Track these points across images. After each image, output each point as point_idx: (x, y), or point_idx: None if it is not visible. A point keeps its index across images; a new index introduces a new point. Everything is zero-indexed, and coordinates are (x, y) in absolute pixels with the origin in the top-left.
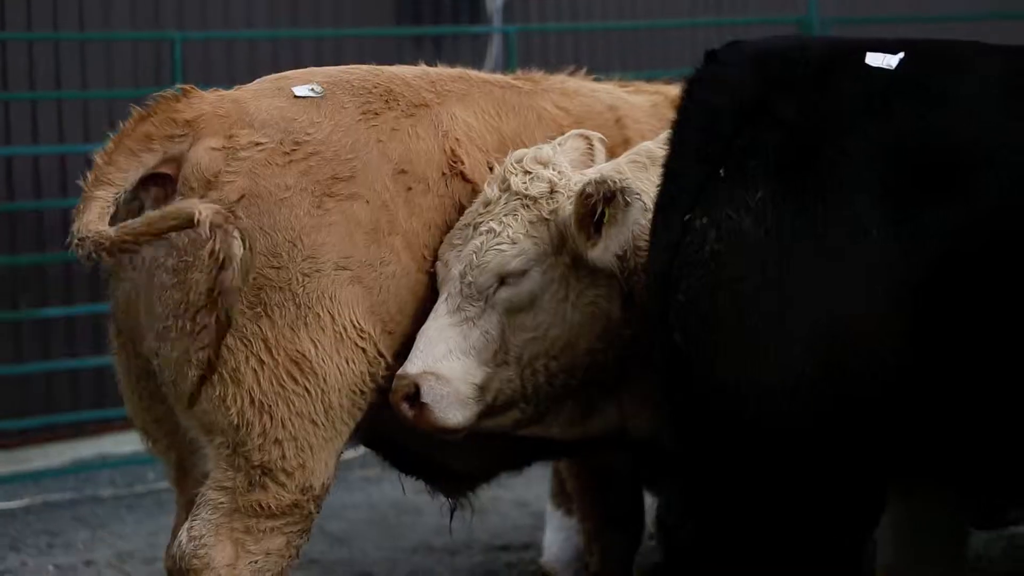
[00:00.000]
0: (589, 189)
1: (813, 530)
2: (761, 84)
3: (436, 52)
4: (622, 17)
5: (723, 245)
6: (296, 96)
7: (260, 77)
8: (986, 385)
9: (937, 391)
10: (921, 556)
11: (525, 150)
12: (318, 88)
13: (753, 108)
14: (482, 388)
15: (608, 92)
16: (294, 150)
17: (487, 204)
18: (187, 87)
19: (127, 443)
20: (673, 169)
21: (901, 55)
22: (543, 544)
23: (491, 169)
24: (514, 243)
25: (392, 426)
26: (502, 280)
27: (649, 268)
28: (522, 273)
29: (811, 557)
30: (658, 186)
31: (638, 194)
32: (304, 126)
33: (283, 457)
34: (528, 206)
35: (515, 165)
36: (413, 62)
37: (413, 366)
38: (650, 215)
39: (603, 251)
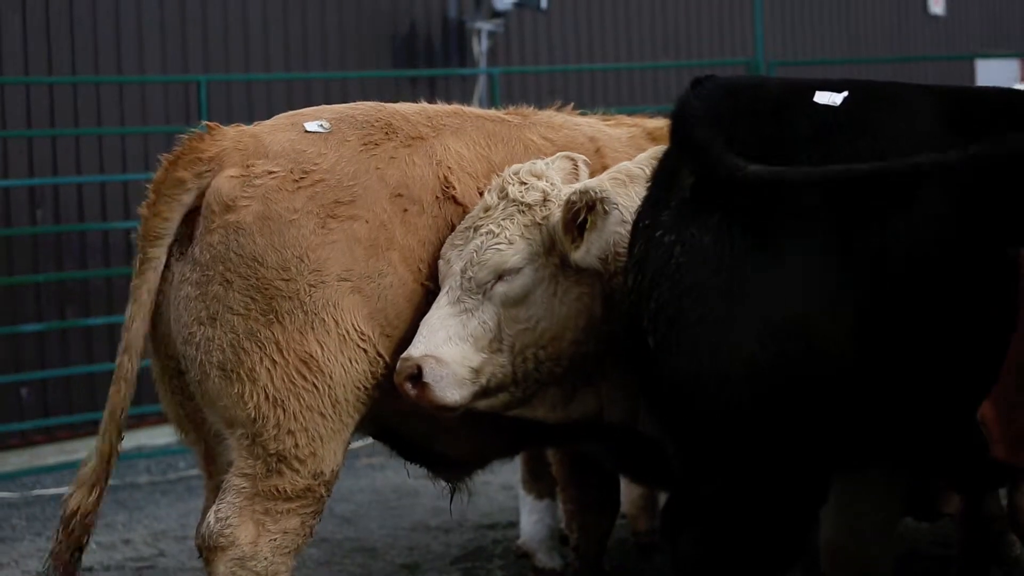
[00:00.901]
0: (574, 198)
1: (765, 506)
2: (732, 113)
3: (429, 91)
4: (592, 60)
5: (686, 258)
6: (307, 131)
7: (276, 113)
8: (917, 375)
9: (873, 381)
10: (860, 532)
11: (521, 164)
12: (326, 124)
13: (721, 137)
14: (477, 371)
15: (590, 125)
16: (303, 178)
17: (487, 210)
18: (212, 125)
19: (161, 436)
20: (650, 194)
21: (845, 94)
22: (521, 528)
23: (481, 194)
24: (510, 243)
25: (396, 419)
26: (499, 276)
27: (625, 280)
28: (517, 270)
29: (762, 530)
30: (638, 207)
31: (616, 204)
32: (312, 157)
33: (296, 446)
34: (523, 212)
35: (512, 176)
36: (410, 99)
37: (416, 350)
38: (628, 226)
39: (585, 253)
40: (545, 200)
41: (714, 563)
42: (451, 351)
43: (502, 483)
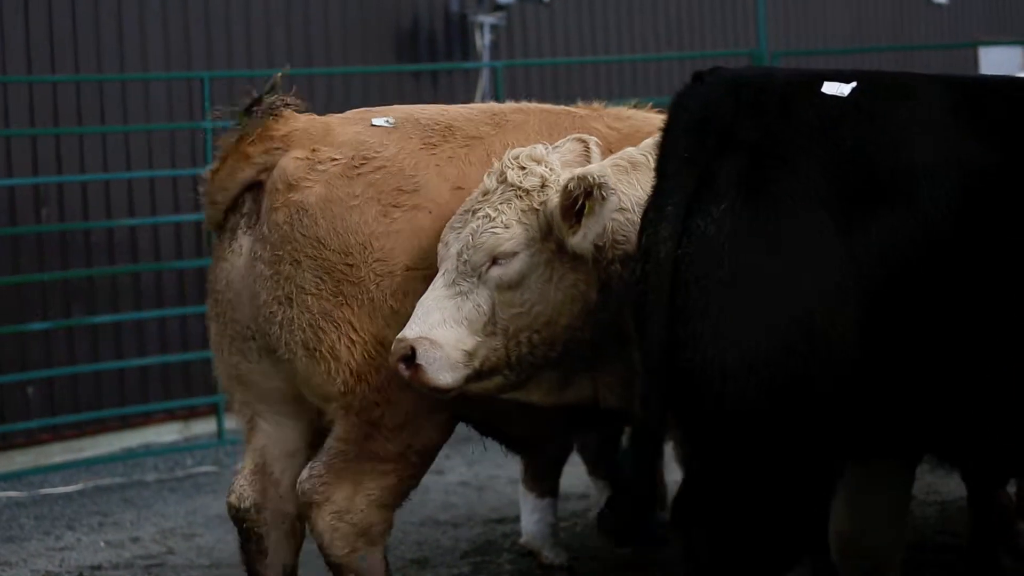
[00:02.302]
0: (571, 184)
1: (773, 498)
2: (734, 106)
3: (432, 85)
4: (595, 52)
5: (692, 248)
6: (373, 125)
7: None
8: (922, 365)
9: (880, 373)
10: (870, 522)
11: (522, 148)
12: (391, 120)
13: (725, 129)
14: (471, 354)
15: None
16: (363, 164)
17: (485, 193)
18: (283, 111)
19: (168, 433)
20: (658, 186)
21: (854, 84)
22: (521, 524)
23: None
24: (506, 227)
25: (473, 401)
26: (494, 259)
27: (633, 271)
28: (512, 254)
29: (772, 521)
30: (647, 200)
31: (613, 190)
32: (374, 146)
33: (383, 416)
34: (521, 197)
35: (512, 161)
36: (413, 94)
37: (411, 331)
38: (628, 213)
39: (581, 239)
40: (543, 186)
41: (725, 555)
42: (445, 333)
43: (510, 477)
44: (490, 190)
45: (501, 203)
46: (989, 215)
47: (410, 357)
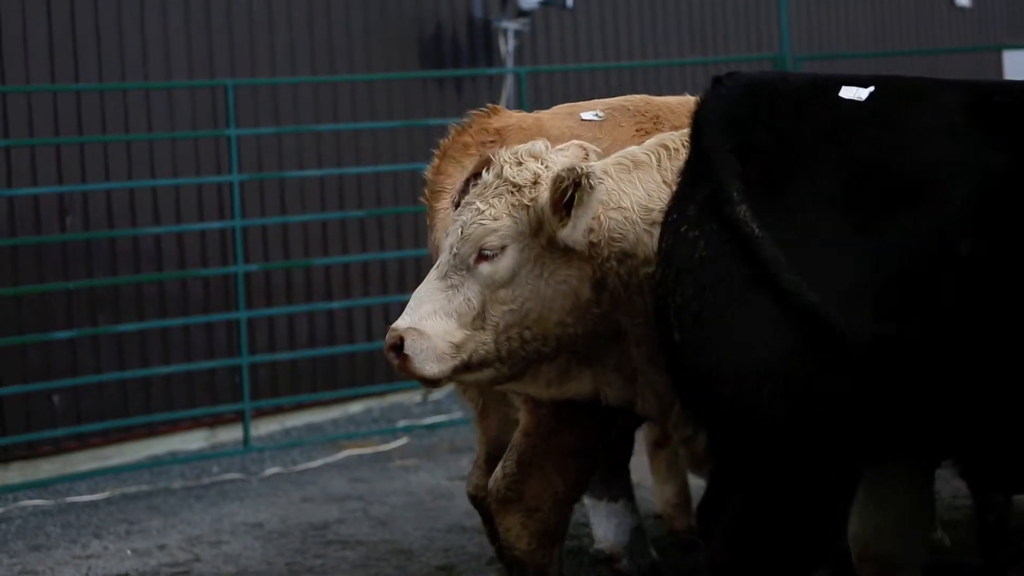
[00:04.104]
0: (562, 174)
1: (792, 502)
2: (751, 111)
3: (456, 91)
4: (619, 57)
5: (708, 252)
6: (583, 119)
7: (303, 116)
8: (939, 371)
9: (896, 376)
10: (888, 526)
11: (524, 144)
12: (600, 113)
13: (743, 133)
14: (458, 347)
15: None
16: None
17: (483, 187)
18: (495, 107)
19: (195, 440)
20: (679, 190)
21: (871, 88)
22: (594, 534)
23: None
24: (495, 220)
25: None
26: (480, 251)
27: (654, 275)
28: (500, 248)
29: (792, 526)
30: (667, 204)
31: (601, 180)
32: (588, 140)
33: (566, 408)
34: (512, 192)
35: (511, 156)
36: (437, 101)
37: (402, 321)
38: (626, 212)
39: (571, 230)
40: (535, 182)
41: (746, 560)
42: (434, 325)
43: None
44: (487, 184)
45: (493, 197)
46: (1005, 218)
47: (399, 346)
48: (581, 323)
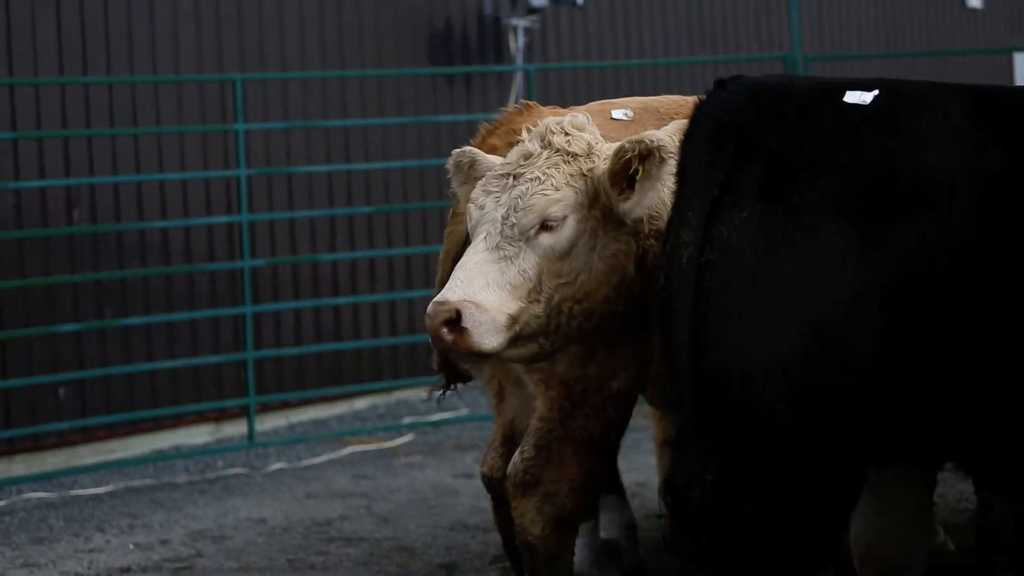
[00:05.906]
0: (627, 145)
1: (796, 504)
2: (755, 114)
3: (466, 88)
4: (629, 55)
5: (715, 255)
6: (613, 118)
7: (312, 112)
8: (944, 375)
9: (900, 380)
10: (891, 529)
11: (562, 117)
12: (630, 113)
13: (745, 137)
14: (514, 319)
15: None
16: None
17: (527, 157)
18: (529, 103)
19: (199, 435)
20: (679, 193)
21: (876, 93)
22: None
23: None
24: (557, 190)
25: None
26: (544, 222)
27: (659, 277)
28: (563, 218)
29: (795, 528)
30: (670, 208)
31: (672, 154)
32: (615, 140)
33: (584, 392)
34: (568, 161)
35: (556, 126)
36: (447, 97)
37: (454, 294)
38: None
39: (635, 204)
40: (590, 152)
41: (749, 561)
42: (490, 297)
43: None
44: (532, 153)
45: (548, 167)
46: (1010, 223)
47: (455, 320)
48: (623, 301)
